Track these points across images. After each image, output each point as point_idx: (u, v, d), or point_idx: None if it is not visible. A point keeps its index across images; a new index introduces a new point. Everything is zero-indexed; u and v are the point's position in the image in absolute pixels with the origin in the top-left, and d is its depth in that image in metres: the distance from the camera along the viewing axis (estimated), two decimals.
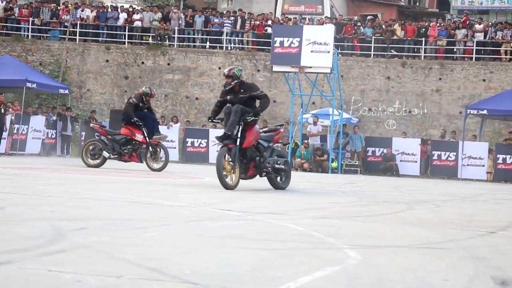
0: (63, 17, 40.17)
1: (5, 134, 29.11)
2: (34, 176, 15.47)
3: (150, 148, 20.81)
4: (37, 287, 3.89)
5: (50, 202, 8.92)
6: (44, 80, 34.01)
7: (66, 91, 34.78)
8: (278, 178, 14.22)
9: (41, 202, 8.78)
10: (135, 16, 39.91)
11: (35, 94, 36.12)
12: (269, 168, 13.82)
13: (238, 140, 13.36)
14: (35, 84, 31.80)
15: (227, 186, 13.09)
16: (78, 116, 35.82)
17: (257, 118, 13.95)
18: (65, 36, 39.06)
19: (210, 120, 14.30)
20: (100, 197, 10.16)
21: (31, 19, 39.71)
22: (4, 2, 40.03)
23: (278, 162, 14.05)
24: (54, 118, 33.30)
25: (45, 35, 40.22)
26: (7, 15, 39.85)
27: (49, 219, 6.99)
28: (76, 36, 39.60)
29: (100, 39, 39.86)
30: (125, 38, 39.51)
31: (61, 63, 38.48)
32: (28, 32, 39.71)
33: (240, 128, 13.44)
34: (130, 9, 40.92)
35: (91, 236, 5.94)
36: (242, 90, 13.84)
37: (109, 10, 40.48)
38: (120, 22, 39.72)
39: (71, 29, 39.20)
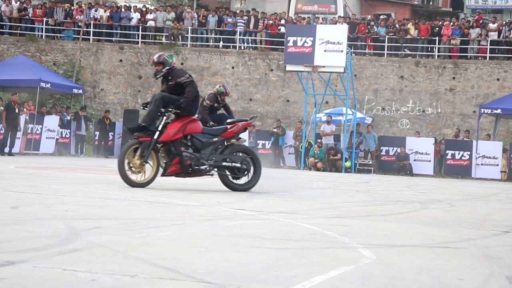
0: (76, 17, 40.25)
1: (19, 134, 29.24)
2: (49, 176, 15.52)
3: None
4: (52, 286, 3.90)
5: (64, 201, 8.94)
6: (58, 80, 34.11)
7: (80, 91, 34.86)
8: (231, 178, 12.81)
9: (56, 202, 8.81)
10: (149, 16, 39.95)
11: (49, 94, 36.22)
12: (207, 166, 12.44)
13: (157, 133, 12.10)
14: (49, 84, 31.90)
15: (131, 183, 11.98)
16: (92, 116, 35.89)
17: (189, 109, 12.48)
18: (78, 36, 39.14)
19: (142, 108, 13.04)
20: (114, 196, 10.18)
21: (45, 19, 39.81)
22: (18, 3, 40.14)
23: (228, 159, 12.70)
24: (68, 117, 33.40)
25: (59, 35, 40.31)
26: (21, 15, 39.97)
27: (64, 218, 7.01)
28: (89, 36, 39.68)
29: (113, 39, 39.92)
30: (138, 38, 39.56)
31: (75, 63, 38.56)
32: (42, 32, 39.80)
33: (163, 120, 12.24)
34: (144, 9, 40.97)
35: (106, 235, 5.95)
36: (169, 77, 12.68)
37: (123, 10, 40.54)
38: (134, 22, 39.78)
39: (84, 29, 39.28)
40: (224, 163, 12.63)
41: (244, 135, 33.44)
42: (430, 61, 36.96)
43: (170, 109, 12.24)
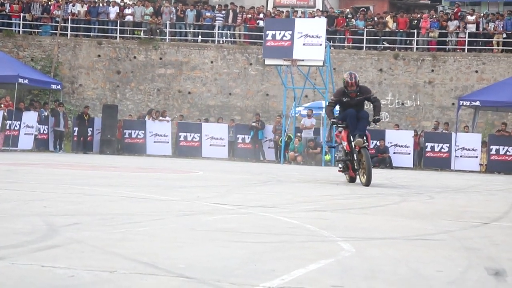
0: (54, 12, 40.08)
1: None
2: (27, 172, 15.45)
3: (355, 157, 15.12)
4: (30, 283, 3.87)
5: (42, 197, 8.90)
6: (36, 75, 33.94)
7: (58, 87, 34.70)
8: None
9: (34, 198, 8.76)
10: (127, 11, 39.84)
11: (27, 89, 36.04)
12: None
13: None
14: (27, 80, 31.72)
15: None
16: (71, 112, 35.74)
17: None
18: (56, 32, 38.96)
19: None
20: (93, 192, 10.14)
21: (22, 14, 39.63)
22: None
23: None
24: (46, 113, 33.22)
25: (36, 30, 40.13)
26: None
27: (42, 214, 6.97)
28: (67, 31, 39.52)
29: (91, 34, 39.80)
30: (116, 33, 39.42)
31: (53, 58, 38.39)
32: (19, 27, 39.61)
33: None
34: (122, 4, 40.82)
35: (84, 231, 5.93)
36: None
37: (101, 5, 40.39)
38: (112, 16, 39.64)
39: (62, 24, 39.10)
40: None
41: (223, 130, 33.70)
42: (409, 54, 37.08)
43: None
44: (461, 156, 30.39)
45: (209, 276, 4.23)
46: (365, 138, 14.60)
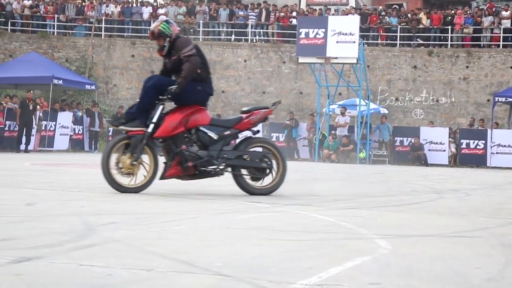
0: (88, 13, 40.33)
1: (33, 131, 29.31)
2: (63, 172, 15.56)
3: None
4: (69, 282, 3.90)
5: (79, 197, 8.96)
6: (70, 76, 34.18)
7: (93, 87, 34.90)
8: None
9: (71, 198, 8.83)
10: (160, 11, 39.96)
11: (62, 90, 36.28)
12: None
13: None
14: (61, 81, 31.95)
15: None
16: (105, 112, 35.95)
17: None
18: (90, 32, 39.19)
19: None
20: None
21: (56, 16, 39.90)
22: (30, 0, 40.23)
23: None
24: (80, 114, 33.45)
25: (70, 31, 40.40)
26: (32, 13, 40.07)
27: (79, 214, 7.02)
28: (101, 31, 39.74)
29: (125, 34, 39.98)
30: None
31: (87, 59, 38.62)
32: (54, 29, 39.89)
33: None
34: (155, 4, 40.97)
35: (121, 230, 5.96)
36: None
37: (134, 5, 40.58)
38: (145, 16, 39.80)
39: (96, 25, 39.33)
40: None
41: (258, 128, 33.39)
42: (443, 50, 36.82)
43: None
44: (497, 153, 30.14)
45: (246, 274, 4.24)
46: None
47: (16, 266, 4.19)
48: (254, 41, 38.93)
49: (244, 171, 10.30)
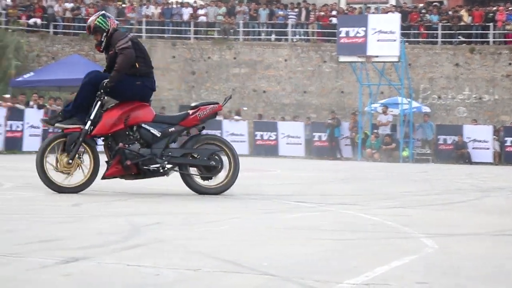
0: (128, 15, 40.58)
1: None
2: None
3: None
4: (117, 282, 3.92)
5: (124, 198, 9.01)
6: None
7: None
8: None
9: (116, 198, 8.88)
10: (200, 11, 40.09)
11: None
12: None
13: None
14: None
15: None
16: None
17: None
18: (131, 33, 39.41)
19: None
20: (172, 191, 10.22)
21: None
22: (71, 2, 40.59)
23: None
24: None
25: None
26: (74, 15, 40.41)
27: (124, 215, 7.06)
28: (142, 33, 39.95)
29: (165, 35, 40.14)
30: (190, 34, 39.72)
31: None
32: None
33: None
34: (195, 4, 41.11)
35: (166, 230, 5.98)
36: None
37: (174, 6, 40.75)
38: (185, 17, 39.95)
39: (137, 27, 39.56)
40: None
41: (300, 128, 33.63)
42: (485, 47, 36.45)
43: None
44: None
45: (292, 274, 4.23)
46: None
47: (64, 266, 4.23)
48: (294, 40, 38.87)
49: (193, 170, 9.87)
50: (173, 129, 9.72)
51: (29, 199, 8.57)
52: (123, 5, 41.64)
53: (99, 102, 9.48)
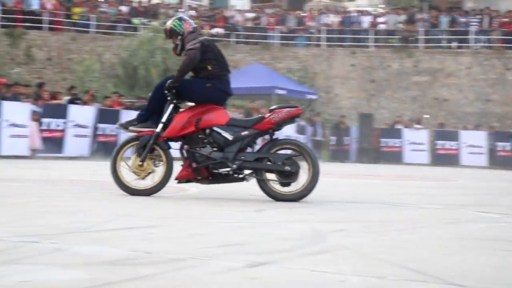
0: (308, 24, 40.88)
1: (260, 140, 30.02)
2: None
3: None
4: (301, 286, 3.92)
5: (305, 205, 9.03)
6: (292, 86, 34.73)
7: (315, 97, 35.31)
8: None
9: (297, 205, 8.91)
10: (380, 19, 39.88)
11: (284, 100, 36.91)
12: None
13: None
14: (284, 91, 32.55)
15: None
16: (327, 121, 36.27)
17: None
18: (311, 42, 39.70)
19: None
20: (354, 199, 10.17)
21: (277, 27, 40.73)
22: (253, 12, 41.35)
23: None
24: (303, 123, 33.93)
25: (291, 42, 41.09)
26: (255, 24, 41.12)
27: (307, 221, 7.08)
28: (321, 41, 40.14)
29: (345, 43, 40.16)
30: (370, 42, 39.54)
31: (308, 69, 39.13)
32: (276, 40, 40.73)
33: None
34: (374, 12, 40.92)
35: (350, 237, 5.94)
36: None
37: (354, 14, 40.72)
38: (365, 26, 39.83)
39: (316, 35, 39.79)
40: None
41: (482, 137, 32.86)
42: None
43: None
44: None
45: (483, 285, 4.10)
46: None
47: (250, 270, 4.27)
48: (476, 48, 37.95)
49: (272, 176, 9.46)
50: (246, 132, 9.43)
51: (210, 204, 8.74)
52: (303, 14, 41.98)
53: (171, 105, 9.51)
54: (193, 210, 7.81)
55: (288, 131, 31.83)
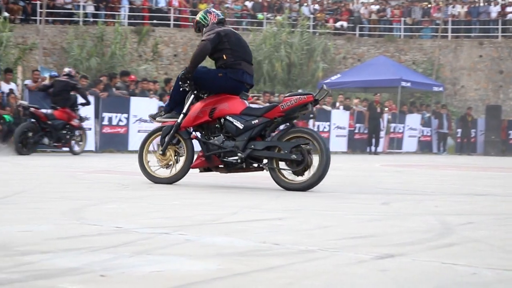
0: (434, 15, 40.26)
1: (382, 133, 29.84)
2: (414, 173, 15.63)
3: None
4: (432, 278, 3.87)
5: (432, 197, 8.92)
6: (418, 78, 34.32)
7: (440, 89, 34.76)
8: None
9: (424, 198, 8.81)
10: (509, 9, 38.88)
11: (409, 93, 36.54)
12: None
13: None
14: (409, 83, 32.20)
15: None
16: (453, 113, 35.69)
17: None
18: (437, 34, 39.08)
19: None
20: (482, 192, 9.97)
21: (403, 18, 40.27)
22: (377, 4, 41.02)
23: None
24: (428, 115, 33.48)
25: (417, 34, 40.56)
26: (379, 17, 40.78)
27: (435, 213, 6.98)
28: (447, 33, 39.45)
29: (472, 34, 39.35)
30: (498, 32, 38.62)
31: (434, 61, 38.54)
32: (400, 32, 40.27)
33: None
34: (503, 2, 39.95)
35: (480, 230, 5.82)
36: None
37: (481, 4, 39.86)
38: (493, 16, 38.92)
39: (442, 26, 39.14)
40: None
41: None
42: None
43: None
44: None
45: None
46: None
47: (380, 262, 4.24)
48: None
49: (284, 165, 9.32)
50: (256, 121, 9.37)
51: (334, 197, 8.74)
52: (429, 6, 41.36)
53: (192, 95, 9.70)
54: (318, 203, 7.81)
55: (414, 123, 31.53)
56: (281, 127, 10.06)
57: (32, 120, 19.11)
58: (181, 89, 9.71)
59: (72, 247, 4.42)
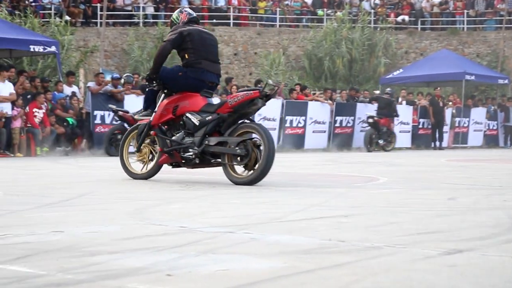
0: (498, 6, 39.67)
1: (446, 128, 29.53)
2: (481, 168, 15.42)
3: None
4: (502, 273, 3.80)
5: (500, 192, 8.78)
6: (482, 71, 33.83)
7: (506, 81, 34.22)
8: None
9: (492, 192, 8.68)
10: None
11: (473, 86, 36.06)
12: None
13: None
14: (473, 76, 31.76)
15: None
16: None
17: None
18: (501, 25, 38.50)
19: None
20: None
21: (465, 11, 39.76)
22: None
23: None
24: (493, 108, 33.01)
25: (480, 26, 40.01)
26: (442, 10, 40.33)
27: (502, 208, 6.89)
28: (511, 24, 38.87)
29: None
30: None
31: (499, 53, 37.97)
32: (464, 24, 39.78)
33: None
34: None
35: None
36: None
37: None
38: None
39: (507, 18, 38.53)
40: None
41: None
42: None
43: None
44: None
45: None
46: None
47: (448, 257, 4.18)
48: None
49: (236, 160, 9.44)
50: (210, 117, 9.55)
51: (398, 193, 8.67)
52: None
53: (163, 94, 10.01)
54: (382, 200, 7.75)
55: (479, 117, 31.13)
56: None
57: (124, 123, 19.35)
58: (148, 88, 10.30)
59: (138, 247, 4.45)
